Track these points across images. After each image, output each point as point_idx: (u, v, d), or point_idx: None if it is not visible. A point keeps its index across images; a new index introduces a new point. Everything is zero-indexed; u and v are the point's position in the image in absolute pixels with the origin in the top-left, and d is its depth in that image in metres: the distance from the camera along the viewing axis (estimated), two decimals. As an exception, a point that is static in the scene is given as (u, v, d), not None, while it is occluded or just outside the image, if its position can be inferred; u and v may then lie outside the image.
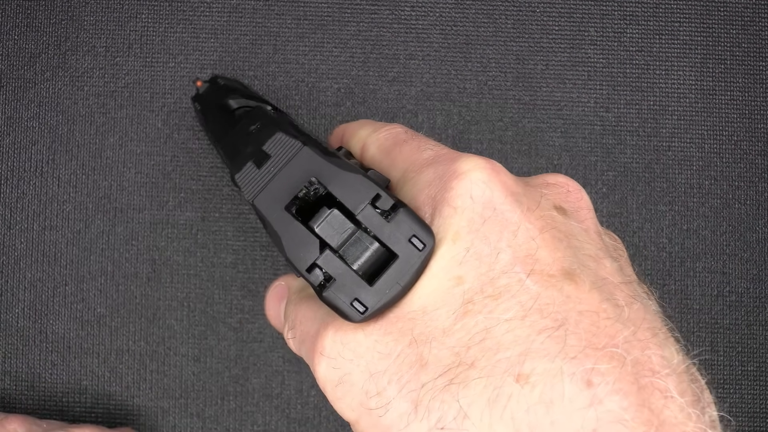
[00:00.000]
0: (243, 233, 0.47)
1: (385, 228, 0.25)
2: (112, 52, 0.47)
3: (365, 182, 0.25)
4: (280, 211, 0.25)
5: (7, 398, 0.46)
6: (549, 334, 0.22)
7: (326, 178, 0.25)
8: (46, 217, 0.47)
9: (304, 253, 0.25)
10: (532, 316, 0.23)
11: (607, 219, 0.48)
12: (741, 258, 0.48)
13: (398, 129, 0.31)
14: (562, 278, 0.24)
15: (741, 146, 0.48)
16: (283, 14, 0.48)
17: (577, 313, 0.23)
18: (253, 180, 0.26)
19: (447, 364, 0.23)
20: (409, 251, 0.25)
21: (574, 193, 0.28)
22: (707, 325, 0.47)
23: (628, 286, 0.25)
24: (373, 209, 0.25)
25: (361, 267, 0.25)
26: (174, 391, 0.46)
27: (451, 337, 0.23)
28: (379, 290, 0.25)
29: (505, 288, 0.23)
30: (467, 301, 0.23)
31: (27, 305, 0.46)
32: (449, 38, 0.48)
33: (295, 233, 0.25)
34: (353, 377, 0.24)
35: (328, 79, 0.47)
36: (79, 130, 0.47)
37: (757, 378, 0.47)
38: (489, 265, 0.24)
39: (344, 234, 0.25)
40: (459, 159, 0.27)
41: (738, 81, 0.48)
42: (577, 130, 0.48)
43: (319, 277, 0.25)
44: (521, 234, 0.24)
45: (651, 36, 0.48)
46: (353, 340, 0.25)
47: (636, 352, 0.22)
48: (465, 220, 0.25)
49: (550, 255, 0.24)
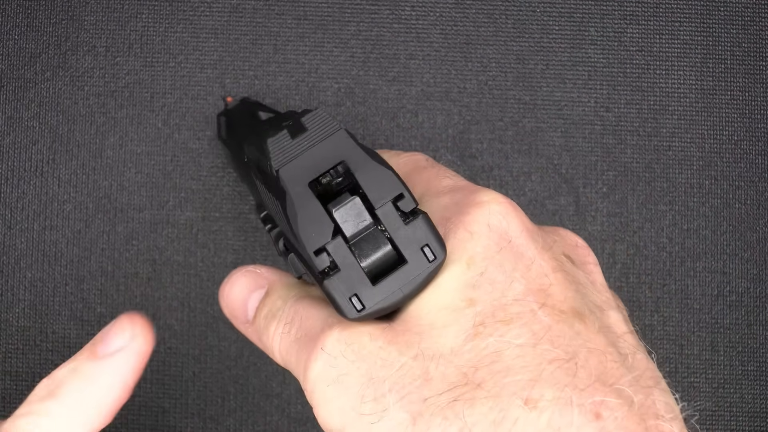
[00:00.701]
0: (243, 233, 0.47)
1: (401, 230, 0.25)
2: (112, 52, 0.47)
3: (393, 179, 0.25)
4: (303, 186, 0.25)
5: (7, 398, 0.46)
6: (559, 365, 0.22)
7: (356, 165, 0.25)
8: (46, 217, 0.47)
9: (316, 234, 0.24)
10: (543, 345, 0.23)
11: (607, 219, 0.48)
12: (741, 258, 0.48)
13: (419, 156, 0.32)
14: (572, 316, 0.24)
15: (741, 146, 0.48)
16: (283, 14, 0.48)
17: (587, 350, 0.23)
18: (285, 149, 0.25)
19: (453, 382, 0.23)
20: (419, 260, 0.24)
21: (582, 248, 0.28)
22: (707, 325, 0.47)
23: (631, 336, 0.25)
24: (394, 208, 0.25)
25: (369, 264, 0.25)
26: (174, 391, 0.46)
27: (459, 356, 0.23)
28: (381, 292, 0.24)
29: (517, 315, 0.23)
30: (478, 324, 0.23)
31: (27, 305, 0.46)
32: (449, 38, 0.48)
33: (312, 211, 0.25)
34: (350, 379, 0.24)
35: (328, 79, 0.47)
36: (79, 130, 0.47)
37: (757, 378, 0.47)
38: (502, 292, 0.24)
39: (360, 226, 0.25)
40: (479, 190, 0.27)
41: (738, 81, 0.48)
42: (578, 130, 0.48)
43: (325, 262, 0.25)
44: (535, 268, 0.25)
45: (651, 36, 0.48)
46: (358, 342, 0.24)
47: (641, 396, 0.22)
48: (481, 246, 0.25)
49: (562, 293, 0.24)
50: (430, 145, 0.47)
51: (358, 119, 0.47)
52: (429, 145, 0.47)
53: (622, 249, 0.47)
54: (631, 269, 0.47)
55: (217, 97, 0.47)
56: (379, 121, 0.47)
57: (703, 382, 0.47)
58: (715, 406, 0.47)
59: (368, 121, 0.47)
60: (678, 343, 0.47)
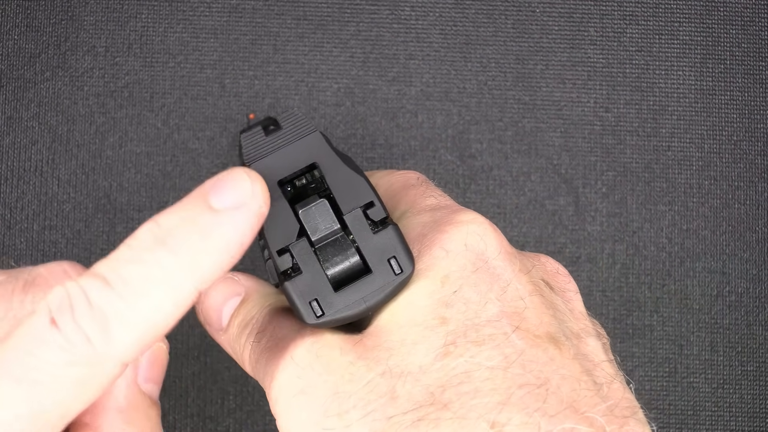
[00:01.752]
0: (243, 233, 0.47)
1: (369, 239, 0.24)
2: (111, 52, 0.47)
3: (364, 186, 0.24)
4: (273, 183, 0.24)
5: (6, 398, 0.46)
6: (530, 390, 0.22)
7: (327, 168, 0.24)
8: (46, 217, 0.47)
9: (280, 233, 0.24)
10: (514, 369, 0.22)
11: (607, 219, 0.48)
12: (741, 258, 0.48)
13: (412, 174, 0.31)
14: (547, 341, 0.23)
15: (741, 146, 0.48)
16: (283, 14, 0.48)
17: (560, 376, 0.23)
18: (257, 145, 0.25)
19: (419, 401, 0.22)
20: (385, 271, 0.24)
21: (563, 276, 0.28)
22: (707, 325, 0.47)
23: (609, 365, 0.24)
24: (363, 216, 0.24)
25: (332, 270, 0.24)
26: (174, 391, 0.46)
27: (427, 375, 0.23)
28: (342, 301, 0.24)
29: (489, 337, 0.23)
30: (449, 343, 0.23)
31: (27, 305, 0.46)
32: (449, 38, 0.48)
33: (278, 210, 0.24)
34: (316, 391, 0.23)
35: (328, 79, 0.47)
36: (78, 130, 0.47)
37: (757, 378, 0.47)
38: (476, 312, 0.24)
39: (326, 230, 0.24)
40: (460, 210, 0.26)
41: (738, 81, 0.48)
42: (577, 130, 0.48)
43: (287, 263, 0.24)
44: (510, 291, 0.24)
45: (651, 36, 0.48)
46: (327, 355, 0.24)
47: (614, 426, 0.22)
48: (456, 265, 0.24)
49: (537, 318, 0.24)
50: (429, 145, 0.47)
51: (358, 119, 0.47)
52: (428, 145, 0.47)
53: (621, 249, 0.47)
54: (631, 269, 0.47)
55: (217, 97, 0.47)
56: (378, 121, 0.47)
57: (703, 382, 0.47)
58: (715, 406, 0.47)
59: (368, 121, 0.47)
60: (677, 343, 0.47)
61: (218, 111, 0.47)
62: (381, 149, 0.47)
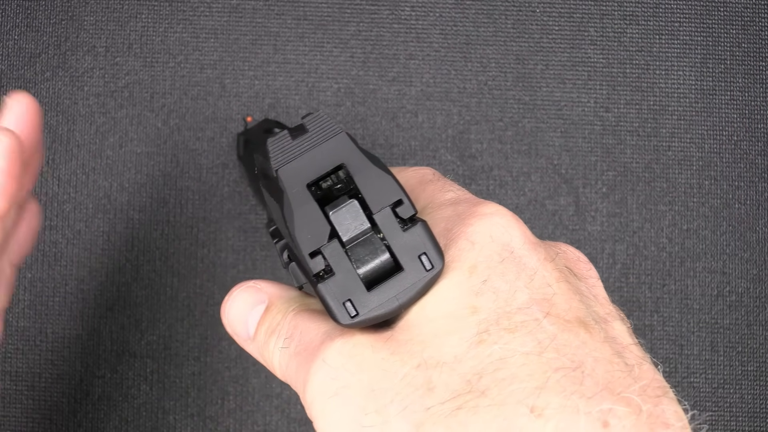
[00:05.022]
0: (243, 233, 0.47)
1: (399, 237, 0.24)
2: (111, 52, 0.47)
3: (392, 184, 0.24)
4: (302, 186, 0.24)
5: (7, 398, 0.46)
6: (565, 373, 0.22)
7: (355, 168, 0.24)
8: (46, 217, 0.47)
9: (312, 236, 0.24)
10: (548, 354, 0.23)
11: (607, 219, 0.48)
12: (741, 258, 0.48)
13: (426, 170, 0.31)
14: (577, 325, 0.24)
15: (741, 146, 0.48)
16: (283, 14, 0.48)
17: (593, 359, 0.23)
18: (284, 149, 0.25)
19: (456, 390, 0.22)
20: (416, 268, 0.24)
21: (584, 263, 0.28)
22: (707, 325, 0.47)
23: (637, 348, 0.25)
24: (392, 214, 0.24)
25: (365, 270, 0.24)
26: (174, 391, 0.46)
27: (463, 364, 0.23)
28: (376, 299, 0.24)
29: (521, 324, 0.23)
30: (482, 331, 0.23)
31: (27, 305, 0.46)
32: (449, 38, 0.48)
33: (309, 213, 0.24)
34: (352, 391, 0.23)
35: (328, 79, 0.47)
36: (79, 130, 0.47)
37: (757, 378, 0.47)
38: (506, 301, 0.24)
39: (356, 230, 0.24)
40: (482, 203, 0.27)
41: (738, 81, 0.48)
42: (577, 130, 0.48)
43: (320, 265, 0.24)
44: (538, 279, 0.25)
45: (651, 36, 0.48)
46: (360, 354, 0.24)
47: (649, 405, 0.22)
48: (483, 255, 0.25)
49: (566, 303, 0.24)
50: (429, 145, 0.47)
51: (358, 119, 0.47)
52: (429, 145, 0.47)
53: (621, 249, 0.47)
54: (631, 269, 0.47)
55: (217, 97, 0.47)
56: (378, 121, 0.47)
57: (703, 382, 0.47)
58: (715, 406, 0.47)
59: (368, 121, 0.47)
60: (678, 343, 0.47)
61: (218, 111, 0.47)
62: (381, 149, 0.47)
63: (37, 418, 0.46)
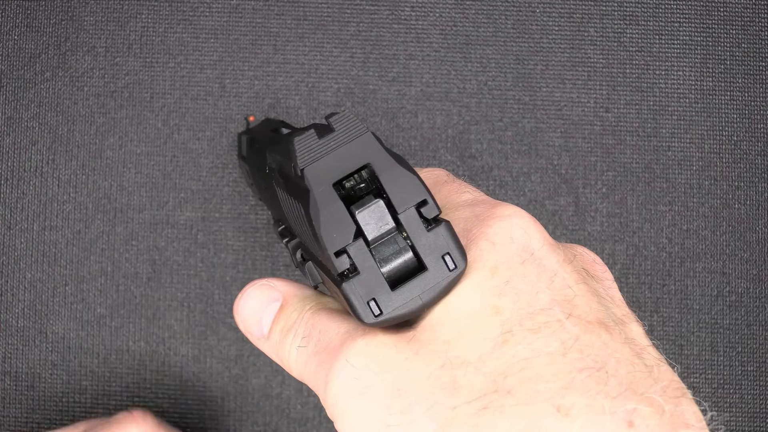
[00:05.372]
0: (243, 233, 0.47)
1: (423, 237, 0.24)
2: (112, 52, 0.47)
3: (418, 185, 0.25)
4: (328, 185, 0.24)
5: (7, 398, 0.46)
6: (590, 374, 0.22)
7: (381, 168, 0.25)
8: (46, 217, 0.47)
9: (338, 235, 0.24)
10: (572, 354, 0.23)
11: (607, 219, 0.48)
12: (741, 258, 0.48)
13: (439, 171, 0.32)
14: (598, 326, 0.24)
15: (741, 146, 0.48)
16: (283, 14, 0.48)
17: (615, 360, 0.23)
18: (311, 148, 0.25)
19: (482, 389, 0.22)
20: (440, 268, 0.24)
21: (600, 265, 0.28)
22: (707, 325, 0.47)
23: (654, 349, 0.25)
24: (417, 214, 0.24)
25: (389, 269, 0.24)
26: (174, 391, 0.46)
27: (488, 363, 0.23)
28: (399, 299, 0.24)
29: (545, 324, 0.23)
30: (506, 331, 0.23)
31: (27, 305, 0.46)
32: (449, 38, 0.48)
33: (335, 212, 0.24)
34: (376, 390, 0.23)
35: (328, 80, 0.47)
36: (79, 130, 0.47)
37: (757, 378, 0.47)
38: (528, 302, 0.24)
39: (382, 229, 0.24)
40: (500, 204, 0.27)
41: (738, 81, 0.48)
42: (577, 130, 0.48)
43: (345, 264, 0.24)
44: (558, 280, 0.25)
45: (651, 36, 0.48)
46: (383, 354, 0.24)
47: (671, 405, 0.22)
48: (504, 256, 0.25)
49: (587, 304, 0.25)
50: (429, 145, 0.47)
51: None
52: (429, 145, 0.47)
53: (621, 249, 0.47)
54: (631, 270, 0.47)
55: (217, 97, 0.47)
56: (378, 122, 0.47)
57: (703, 382, 0.47)
58: (715, 406, 0.47)
59: (368, 122, 0.47)
60: (678, 343, 0.47)
61: (218, 111, 0.47)
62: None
63: (37, 418, 0.46)
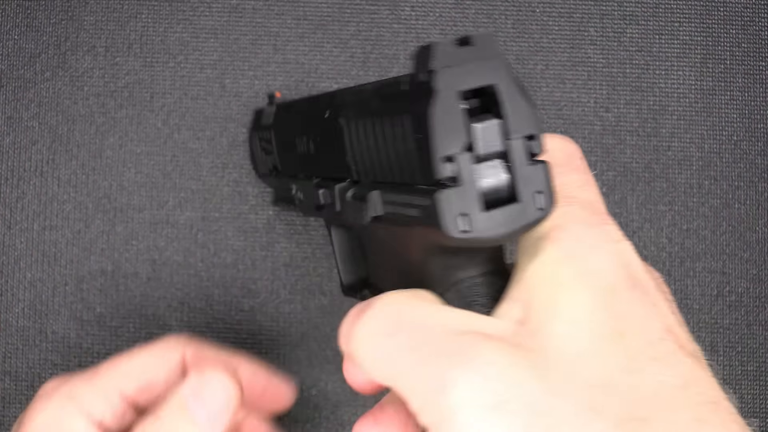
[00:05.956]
0: (243, 233, 0.47)
1: (523, 168, 0.25)
2: (111, 52, 0.47)
3: (534, 118, 0.25)
4: (453, 92, 0.24)
5: (7, 398, 0.46)
6: (713, 408, 0.23)
7: (505, 92, 0.25)
8: (46, 217, 0.47)
9: (450, 141, 0.24)
10: (692, 388, 0.23)
11: (607, 219, 0.48)
12: (741, 258, 0.48)
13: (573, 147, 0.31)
14: (697, 359, 0.25)
15: (741, 146, 0.48)
16: (283, 14, 0.48)
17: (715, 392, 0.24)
18: (447, 53, 0.25)
19: (619, 415, 0.22)
20: (529, 204, 0.24)
21: (661, 282, 0.29)
22: (707, 325, 0.47)
23: None
24: (525, 146, 0.25)
25: (486, 189, 0.24)
26: (174, 391, 0.46)
27: (620, 389, 0.23)
28: (487, 222, 0.24)
29: (664, 354, 0.24)
30: (632, 358, 0.24)
31: (27, 305, 0.46)
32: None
33: (453, 118, 0.24)
34: (514, 407, 0.23)
35: (328, 79, 0.47)
36: (78, 131, 0.47)
37: (757, 378, 0.47)
38: (645, 329, 0.24)
39: (490, 149, 0.24)
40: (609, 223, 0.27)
41: (738, 81, 0.48)
42: (577, 130, 0.48)
43: (448, 171, 0.24)
44: (660, 307, 0.26)
45: (651, 36, 0.48)
46: (513, 366, 0.23)
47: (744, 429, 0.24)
48: (619, 279, 0.25)
49: (684, 334, 0.25)
50: (429, 145, 0.47)
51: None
52: (429, 145, 0.47)
53: (621, 249, 0.48)
54: (631, 269, 0.47)
55: (217, 97, 0.47)
56: (378, 121, 0.47)
57: (703, 382, 0.47)
58: None
59: (368, 121, 0.47)
60: (677, 343, 0.47)
61: (218, 111, 0.47)
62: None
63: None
